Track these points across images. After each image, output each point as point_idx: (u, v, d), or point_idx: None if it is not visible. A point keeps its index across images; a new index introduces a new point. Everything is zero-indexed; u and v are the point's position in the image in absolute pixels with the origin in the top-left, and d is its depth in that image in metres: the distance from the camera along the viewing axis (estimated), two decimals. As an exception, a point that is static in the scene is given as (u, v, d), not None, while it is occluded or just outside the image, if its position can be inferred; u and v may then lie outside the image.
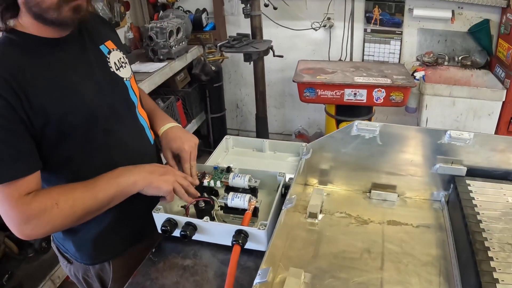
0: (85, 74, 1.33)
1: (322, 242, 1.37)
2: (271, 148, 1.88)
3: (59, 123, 1.24)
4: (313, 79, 3.48)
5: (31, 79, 1.19)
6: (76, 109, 1.28)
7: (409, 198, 1.57)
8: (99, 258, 1.54)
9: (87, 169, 1.35)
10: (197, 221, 1.36)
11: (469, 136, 1.39)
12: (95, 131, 1.35)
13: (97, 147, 1.37)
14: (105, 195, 1.29)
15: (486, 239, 1.15)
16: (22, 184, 1.19)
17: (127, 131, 1.47)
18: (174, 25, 3.81)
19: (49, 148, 1.27)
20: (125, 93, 1.47)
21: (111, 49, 1.46)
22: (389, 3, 3.90)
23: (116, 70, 1.44)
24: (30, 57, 1.23)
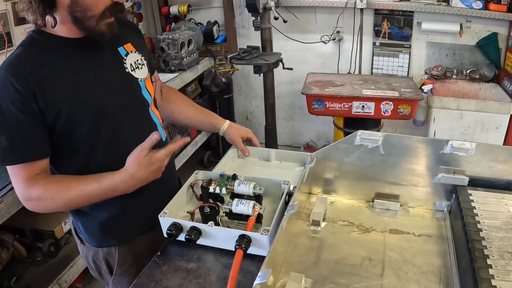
0: (98, 73, 1.46)
1: (324, 249, 1.38)
2: (277, 158, 1.90)
3: (69, 118, 1.37)
4: (321, 91, 3.51)
5: (47, 76, 1.33)
6: (85, 106, 1.40)
7: (411, 208, 1.58)
8: (106, 242, 1.65)
9: (95, 161, 1.49)
10: (202, 226, 1.39)
11: (471, 146, 1.40)
12: (104, 126, 1.46)
13: (106, 141, 1.49)
14: (99, 199, 1.44)
15: (485, 247, 1.16)
16: (30, 168, 1.37)
17: (138, 127, 1.58)
18: (185, 37, 3.87)
19: (60, 138, 1.41)
20: (138, 92, 1.59)
21: (129, 51, 1.58)
22: (398, 17, 3.93)
23: (131, 71, 1.56)
24: (49, 56, 1.37)
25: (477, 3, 3.53)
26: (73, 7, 1.31)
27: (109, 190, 1.42)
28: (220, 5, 4.40)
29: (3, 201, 2.11)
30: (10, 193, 2.14)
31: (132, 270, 1.68)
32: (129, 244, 1.67)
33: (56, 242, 2.82)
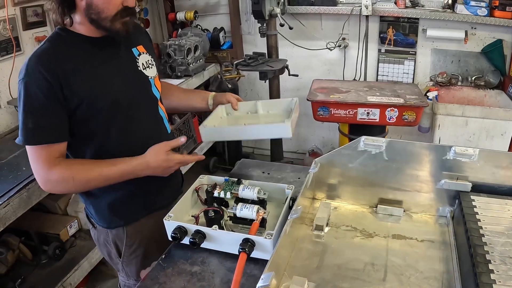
0: (115, 69, 1.64)
1: (327, 253, 1.39)
2: (264, 109, 1.98)
3: (89, 106, 1.54)
4: (326, 98, 3.52)
5: (71, 68, 1.50)
6: (103, 96, 1.57)
7: (415, 214, 1.58)
8: (114, 223, 1.78)
9: (108, 146, 1.65)
10: (206, 229, 1.41)
11: (473, 152, 1.41)
12: (118, 115, 1.63)
13: (118, 128, 1.65)
14: (116, 180, 1.60)
15: (487, 252, 1.17)
16: (51, 149, 1.51)
17: (147, 119, 1.76)
18: (192, 43, 3.90)
19: (79, 124, 1.57)
20: (148, 89, 1.77)
21: (141, 52, 1.77)
22: (403, 24, 3.95)
23: (143, 69, 1.75)
24: (73, 51, 1.54)
25: (482, 10, 3.54)
26: (89, 10, 1.50)
27: (126, 172, 1.58)
28: (227, 12, 4.43)
29: (10, 203, 2.14)
30: (16, 195, 2.16)
31: (139, 251, 1.82)
32: (135, 225, 1.79)
33: (61, 245, 2.85)
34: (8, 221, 2.15)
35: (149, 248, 1.81)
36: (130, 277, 1.88)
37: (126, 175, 1.59)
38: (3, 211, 2.10)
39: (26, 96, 1.46)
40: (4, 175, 2.34)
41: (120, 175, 1.58)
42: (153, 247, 1.79)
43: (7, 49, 3.02)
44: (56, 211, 3.05)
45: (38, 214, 2.97)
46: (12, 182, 2.23)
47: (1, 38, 2.98)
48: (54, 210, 3.05)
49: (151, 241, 1.80)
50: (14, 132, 3.03)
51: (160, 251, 1.67)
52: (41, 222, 2.91)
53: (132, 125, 1.69)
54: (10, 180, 2.26)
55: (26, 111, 1.46)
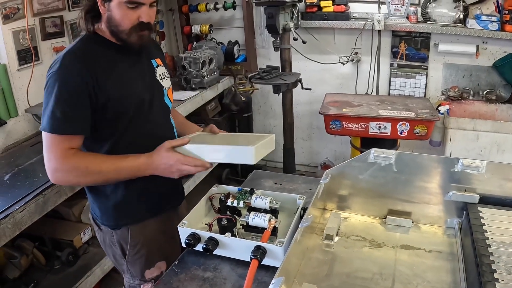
0: (138, 74, 1.77)
1: (336, 262, 1.42)
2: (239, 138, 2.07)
3: (116, 103, 1.65)
4: (339, 111, 3.55)
5: (102, 68, 1.62)
6: (130, 96, 1.70)
7: (423, 225, 1.61)
8: (121, 222, 1.84)
9: (123, 144, 1.72)
10: (219, 237, 1.45)
11: (481, 164, 1.44)
12: (138, 116, 1.74)
13: (138, 129, 1.74)
14: (126, 176, 1.67)
15: (493, 262, 1.19)
16: (70, 140, 1.60)
17: (161, 125, 1.86)
18: (207, 56, 3.94)
19: (101, 121, 1.66)
20: (162, 98, 1.87)
21: (159, 65, 1.90)
22: (415, 39, 3.99)
23: (160, 79, 1.87)
24: (103, 53, 1.67)
25: (493, 25, 3.56)
26: (109, 22, 1.64)
27: (134, 168, 1.64)
28: (241, 26, 4.48)
29: (26, 208, 2.18)
30: (32, 200, 2.21)
31: (143, 251, 1.87)
32: (140, 226, 1.85)
33: (75, 252, 2.90)
34: (24, 226, 2.19)
35: (152, 249, 1.88)
36: (135, 277, 1.93)
37: (134, 171, 1.65)
38: (19, 216, 2.15)
39: (59, 88, 1.54)
40: (21, 181, 2.40)
41: (129, 170, 1.64)
42: (156, 247, 1.88)
43: (26, 59, 3.10)
44: (70, 218, 3.09)
45: (53, 220, 3.02)
46: (29, 188, 2.29)
47: (20, 47, 3.06)
48: (68, 217, 3.10)
49: (154, 242, 1.88)
50: (31, 139, 3.09)
51: (162, 252, 1.88)
52: (55, 228, 2.96)
53: (149, 127, 1.78)
54: (27, 186, 2.31)
55: (57, 101, 1.54)
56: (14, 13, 2.97)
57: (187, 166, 1.61)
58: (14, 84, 3.04)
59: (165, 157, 1.62)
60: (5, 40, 2.96)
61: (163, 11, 4.63)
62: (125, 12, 1.61)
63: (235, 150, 1.61)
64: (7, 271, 2.65)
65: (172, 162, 1.61)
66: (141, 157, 1.64)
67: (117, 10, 1.61)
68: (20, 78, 3.07)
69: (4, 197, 2.24)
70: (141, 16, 1.63)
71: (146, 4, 1.63)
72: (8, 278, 2.63)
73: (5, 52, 2.97)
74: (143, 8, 1.63)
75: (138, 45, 1.70)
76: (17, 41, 3.03)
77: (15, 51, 3.03)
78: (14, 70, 3.04)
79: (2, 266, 2.66)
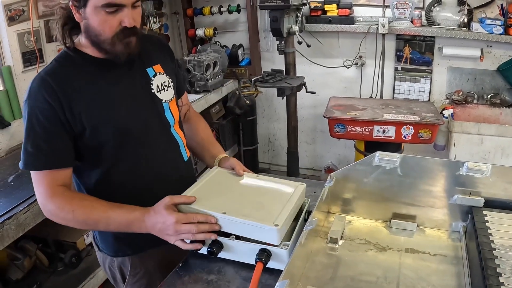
0: (125, 92, 1.56)
1: (340, 265, 1.42)
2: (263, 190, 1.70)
3: (93, 132, 1.48)
4: (343, 115, 3.56)
5: (75, 91, 1.44)
6: (109, 122, 1.50)
7: (428, 228, 1.60)
8: (120, 252, 1.71)
9: (117, 174, 1.58)
10: (223, 239, 1.44)
11: (486, 167, 1.44)
12: (127, 142, 1.56)
13: (128, 155, 1.58)
14: (115, 228, 1.51)
15: (498, 265, 1.18)
16: (52, 176, 1.45)
17: (160, 146, 1.66)
18: (211, 59, 3.94)
19: (86, 149, 1.51)
20: (161, 113, 1.65)
21: (157, 73, 1.66)
22: (419, 42, 3.99)
23: (157, 92, 1.64)
24: (79, 73, 1.48)
25: (497, 28, 3.57)
26: (87, 32, 1.45)
27: (124, 221, 1.47)
28: (245, 29, 4.49)
29: (30, 209, 2.17)
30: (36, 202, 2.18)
31: (143, 281, 1.74)
32: (141, 256, 1.71)
33: (78, 254, 2.89)
34: (27, 227, 2.18)
35: (153, 279, 1.71)
36: None
37: (126, 225, 1.47)
38: (23, 217, 2.14)
39: (29, 119, 1.41)
40: (25, 182, 2.38)
41: (119, 223, 1.47)
42: (157, 278, 1.67)
43: (31, 61, 3.10)
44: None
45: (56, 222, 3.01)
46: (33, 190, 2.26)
47: (25, 49, 3.06)
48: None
49: (155, 273, 1.72)
50: None
51: None
52: (59, 230, 2.93)
53: (142, 152, 1.60)
54: (31, 187, 2.29)
55: (27, 135, 1.42)
56: (19, 15, 2.98)
57: (187, 225, 1.41)
58: (19, 86, 3.03)
59: (163, 216, 1.43)
60: (10, 42, 2.96)
61: (168, 14, 4.64)
62: (104, 18, 1.40)
63: (255, 227, 1.38)
64: (10, 272, 2.64)
65: (170, 222, 1.42)
66: (136, 211, 1.46)
67: (94, 17, 1.40)
68: (24, 80, 3.06)
69: (8, 199, 2.23)
70: (123, 20, 1.42)
71: (127, 5, 1.41)
72: (11, 279, 2.63)
73: (9, 54, 2.97)
74: (124, 11, 1.41)
75: (126, 55, 1.48)
76: (22, 43, 3.04)
77: (20, 53, 3.03)
78: (18, 72, 3.04)
79: (5, 268, 2.66)
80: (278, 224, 1.36)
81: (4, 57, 2.99)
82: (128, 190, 1.61)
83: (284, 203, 1.49)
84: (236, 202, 1.52)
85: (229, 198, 1.55)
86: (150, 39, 1.76)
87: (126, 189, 1.60)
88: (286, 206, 1.48)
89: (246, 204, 1.50)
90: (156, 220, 1.44)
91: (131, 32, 1.45)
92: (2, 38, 2.95)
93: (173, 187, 1.61)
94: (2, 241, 2.06)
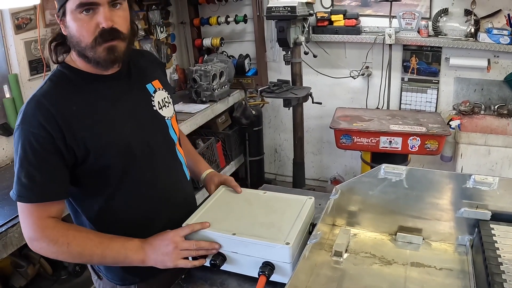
0: (126, 111, 1.47)
1: (345, 279, 1.41)
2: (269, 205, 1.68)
3: (98, 156, 1.38)
4: (349, 126, 3.55)
5: (75, 113, 1.35)
6: (114, 144, 1.41)
7: (434, 242, 1.59)
8: (128, 280, 1.61)
9: (121, 197, 1.49)
10: (227, 252, 1.43)
11: (493, 180, 1.42)
12: (132, 164, 1.47)
13: (133, 178, 1.49)
14: (112, 260, 1.43)
15: (505, 280, 1.17)
16: (45, 208, 1.35)
17: (165, 166, 1.59)
18: (217, 69, 3.96)
19: (89, 174, 1.41)
20: (165, 131, 1.59)
21: (157, 89, 1.59)
22: (426, 53, 3.99)
23: (159, 109, 1.57)
24: (77, 92, 1.39)
25: (504, 39, 3.56)
26: (72, 42, 1.36)
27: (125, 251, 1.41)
28: (252, 39, 4.51)
29: None
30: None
31: None
32: (148, 283, 1.63)
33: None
34: None
35: None
36: None
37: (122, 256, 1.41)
38: None
39: (22, 147, 1.30)
40: None
41: (115, 254, 1.40)
42: None
43: (37, 69, 3.14)
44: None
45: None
46: None
47: (32, 57, 3.09)
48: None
49: None
50: None
51: None
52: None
53: (148, 174, 1.52)
54: None
55: (22, 164, 1.31)
56: (27, 23, 3.01)
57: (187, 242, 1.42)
58: (25, 94, 3.05)
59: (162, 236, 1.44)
60: (17, 50, 3.00)
61: (175, 24, 4.68)
62: (81, 22, 1.30)
63: (266, 247, 1.37)
64: (14, 280, 2.65)
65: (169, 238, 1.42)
66: (134, 240, 1.43)
67: (72, 23, 1.31)
68: (31, 88, 3.09)
69: (12, 206, 2.23)
70: (99, 21, 1.30)
71: (101, 4, 1.30)
72: (14, 287, 2.64)
73: (16, 62, 3.01)
74: (100, 11, 1.30)
75: (110, 62, 1.38)
76: (29, 51, 3.07)
77: (27, 61, 3.07)
78: (25, 80, 3.07)
79: (9, 275, 2.67)
80: (290, 242, 1.35)
81: (11, 65, 3.02)
82: (133, 215, 1.54)
83: (293, 220, 1.49)
84: (245, 221, 1.50)
85: (238, 218, 1.53)
86: (143, 54, 1.71)
87: (131, 214, 1.53)
88: (296, 222, 1.47)
89: (255, 223, 1.49)
90: (155, 243, 1.42)
91: (112, 35, 1.33)
92: (9, 46, 2.99)
93: (179, 208, 1.61)
94: (6, 249, 2.06)
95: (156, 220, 1.55)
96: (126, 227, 1.50)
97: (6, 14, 2.91)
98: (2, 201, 2.33)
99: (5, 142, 2.97)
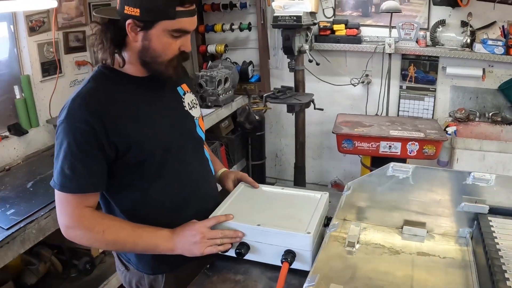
0: (162, 109, 1.60)
1: (358, 266, 1.52)
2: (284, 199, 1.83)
3: (139, 149, 1.49)
4: (351, 131, 3.67)
5: (118, 110, 1.46)
6: (153, 139, 1.53)
7: (437, 234, 1.71)
8: (158, 269, 1.70)
9: (156, 190, 1.60)
10: (251, 242, 1.55)
11: (490, 177, 1.56)
12: (168, 158, 1.59)
13: (168, 172, 1.60)
14: (142, 248, 1.54)
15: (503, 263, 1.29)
16: (84, 198, 1.46)
17: (195, 162, 1.72)
18: (223, 75, 4.03)
19: (127, 168, 1.52)
20: (194, 130, 1.72)
21: (186, 91, 1.73)
22: (424, 62, 4.11)
23: (189, 109, 1.70)
24: (119, 91, 1.50)
25: (499, 49, 3.68)
26: (144, 53, 1.46)
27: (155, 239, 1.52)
28: (256, 47, 4.58)
29: (51, 214, 2.21)
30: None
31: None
32: (176, 272, 1.71)
33: (92, 261, 2.93)
34: (48, 232, 2.23)
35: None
36: None
37: (153, 244, 1.52)
38: (44, 222, 2.18)
39: (67, 140, 1.39)
40: (45, 189, 2.45)
41: (146, 242, 1.51)
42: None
43: (49, 71, 3.20)
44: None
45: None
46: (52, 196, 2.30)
47: (44, 59, 3.15)
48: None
49: None
50: (50, 149, 3.13)
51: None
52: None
53: (182, 168, 1.64)
54: (51, 193, 2.33)
55: (65, 156, 1.39)
56: (40, 26, 3.07)
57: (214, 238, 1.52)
58: (37, 95, 3.12)
59: (189, 226, 1.55)
60: (30, 52, 3.05)
61: (180, 31, 4.73)
62: (168, 41, 1.44)
63: (289, 236, 1.49)
64: (25, 277, 2.69)
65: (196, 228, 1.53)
66: (164, 230, 1.53)
67: (158, 40, 1.42)
68: (42, 89, 3.15)
69: (28, 204, 2.29)
70: (183, 45, 1.48)
71: (190, 32, 1.49)
72: (25, 284, 2.68)
73: (29, 64, 3.06)
74: (186, 37, 1.49)
75: (173, 77, 1.54)
76: (42, 53, 3.12)
77: (39, 63, 3.12)
78: (37, 82, 3.13)
79: (20, 272, 2.71)
80: (310, 232, 1.48)
81: (23, 67, 3.08)
82: (164, 206, 1.63)
83: (312, 212, 1.63)
84: (266, 214, 1.64)
85: (259, 211, 1.66)
86: None
87: (163, 205, 1.63)
88: (315, 214, 1.61)
89: (276, 216, 1.62)
90: (183, 233, 1.52)
91: (186, 56, 1.53)
92: (23, 48, 3.04)
93: (206, 200, 1.72)
94: (24, 244, 2.11)
95: (186, 211, 1.65)
96: (157, 217, 1.60)
97: (20, 16, 2.97)
98: (17, 199, 2.38)
99: (17, 142, 3.00)
